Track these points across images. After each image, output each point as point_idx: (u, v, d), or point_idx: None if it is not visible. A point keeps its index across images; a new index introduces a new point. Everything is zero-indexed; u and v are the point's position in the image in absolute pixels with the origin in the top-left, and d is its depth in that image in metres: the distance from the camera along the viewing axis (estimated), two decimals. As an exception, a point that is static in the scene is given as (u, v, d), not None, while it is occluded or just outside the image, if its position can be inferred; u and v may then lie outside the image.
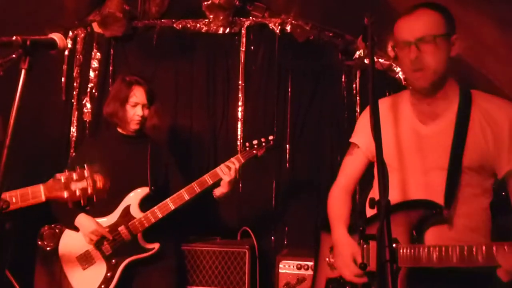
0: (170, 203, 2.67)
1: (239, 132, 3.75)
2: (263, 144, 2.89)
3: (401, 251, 1.49)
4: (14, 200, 1.57)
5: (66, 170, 1.69)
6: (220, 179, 2.77)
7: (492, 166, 1.63)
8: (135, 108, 2.76)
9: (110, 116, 2.81)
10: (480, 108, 1.65)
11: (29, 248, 3.14)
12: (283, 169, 3.66)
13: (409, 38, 1.60)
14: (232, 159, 2.80)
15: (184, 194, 2.69)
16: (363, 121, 1.99)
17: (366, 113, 1.99)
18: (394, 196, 1.61)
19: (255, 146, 2.88)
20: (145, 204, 2.69)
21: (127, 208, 2.68)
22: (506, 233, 1.76)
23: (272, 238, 3.59)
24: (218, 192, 2.80)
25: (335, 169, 2.72)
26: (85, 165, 1.68)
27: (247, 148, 2.87)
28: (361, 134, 1.96)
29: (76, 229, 2.65)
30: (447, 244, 1.46)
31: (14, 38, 1.24)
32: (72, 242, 2.68)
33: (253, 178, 3.64)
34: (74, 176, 1.63)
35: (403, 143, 1.76)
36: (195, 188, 2.71)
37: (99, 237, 2.59)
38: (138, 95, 2.76)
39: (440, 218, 1.57)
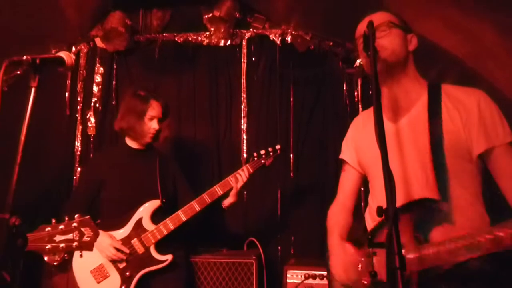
0: (181, 215, 2.71)
1: (242, 143, 3.77)
2: (271, 153, 2.95)
3: (408, 255, 1.47)
4: None
5: (53, 220, 1.61)
6: (230, 190, 2.81)
7: (467, 151, 1.64)
8: (151, 121, 2.80)
9: (125, 131, 2.83)
10: (449, 96, 1.69)
11: (34, 263, 3.14)
12: (287, 178, 3.67)
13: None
14: (241, 169, 2.85)
15: (195, 205, 2.73)
16: (348, 136, 2.05)
17: (350, 128, 2.06)
18: (381, 201, 1.63)
19: (263, 156, 2.93)
20: (157, 216, 2.72)
21: (139, 221, 2.71)
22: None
23: (279, 247, 3.58)
24: (227, 202, 2.85)
25: (339, 177, 2.72)
26: (76, 216, 1.61)
27: (255, 158, 2.91)
28: (346, 149, 2.03)
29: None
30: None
31: (24, 57, 1.26)
32: (85, 256, 2.66)
33: (258, 188, 3.65)
34: (61, 227, 1.56)
35: (376, 146, 1.76)
36: (206, 199, 2.76)
37: (116, 252, 2.60)
38: (156, 108, 2.81)
39: (440, 213, 1.56)
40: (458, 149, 1.64)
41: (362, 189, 2.09)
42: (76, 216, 1.61)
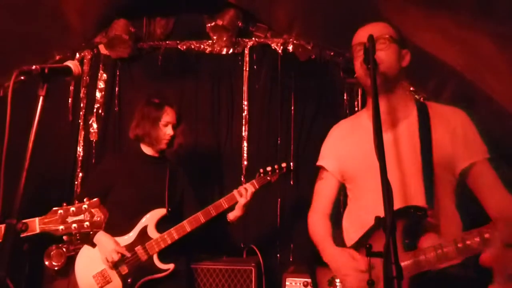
0: (186, 225, 2.72)
1: (243, 150, 3.80)
2: (277, 171, 2.96)
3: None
4: None
5: (64, 203, 1.68)
6: (235, 204, 2.82)
7: (451, 164, 1.77)
8: (166, 127, 2.85)
9: (141, 137, 2.87)
10: (436, 113, 1.82)
11: (36, 268, 3.16)
12: (287, 186, 3.69)
13: (366, 39, 1.69)
14: (247, 184, 2.87)
15: (200, 217, 2.75)
16: (328, 144, 2.09)
17: (330, 136, 2.10)
18: (371, 212, 1.66)
19: (269, 173, 2.94)
20: (162, 225, 2.74)
21: (144, 229, 2.72)
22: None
23: (278, 255, 3.60)
24: (232, 216, 2.86)
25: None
26: (85, 198, 1.67)
27: (262, 175, 2.92)
28: (328, 157, 2.06)
29: (93, 244, 2.68)
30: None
31: (33, 67, 1.29)
32: (88, 260, 2.70)
33: (258, 195, 3.62)
34: (72, 209, 1.63)
35: (365, 158, 1.83)
36: (211, 212, 2.77)
37: (119, 257, 2.62)
38: (170, 114, 2.86)
39: (428, 221, 1.64)
40: (445, 163, 1.75)
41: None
42: (85, 199, 1.66)
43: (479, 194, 1.77)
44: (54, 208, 1.64)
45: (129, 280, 2.64)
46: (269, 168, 2.94)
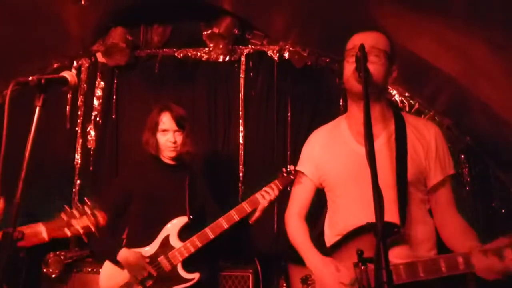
0: (209, 232, 2.61)
1: (240, 157, 3.82)
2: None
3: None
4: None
5: (66, 207, 1.72)
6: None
7: (424, 178, 1.83)
8: (167, 135, 2.73)
9: (145, 145, 2.78)
10: (411, 127, 1.85)
11: (33, 275, 3.16)
12: (284, 191, 3.68)
13: (357, 49, 1.70)
14: (270, 186, 2.67)
15: (223, 223, 2.62)
16: (307, 150, 2.12)
17: (310, 142, 2.12)
18: (350, 221, 1.78)
19: (293, 171, 2.62)
20: (184, 233, 2.64)
21: (167, 238, 2.63)
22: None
23: (275, 261, 3.60)
24: (253, 217, 2.69)
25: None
26: (86, 200, 1.70)
27: (284, 175, 2.67)
28: (306, 163, 2.09)
29: (119, 264, 2.57)
30: (407, 260, 1.64)
31: (30, 78, 1.32)
32: (113, 272, 2.61)
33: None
34: (75, 213, 1.66)
35: (346, 167, 1.89)
36: (234, 216, 2.63)
37: (147, 274, 2.54)
38: (165, 121, 2.73)
39: (398, 237, 1.68)
40: (419, 177, 1.80)
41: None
42: (85, 199, 1.71)
43: (435, 209, 1.86)
44: (58, 214, 1.68)
45: None
46: (292, 167, 2.64)
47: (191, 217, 2.67)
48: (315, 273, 1.86)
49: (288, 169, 2.66)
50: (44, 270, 3.10)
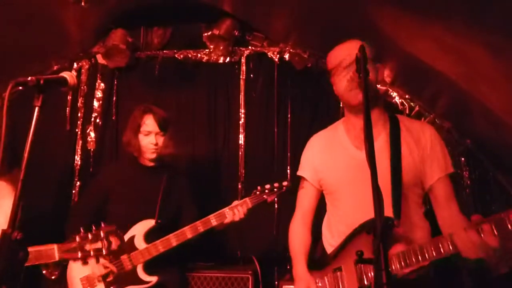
0: (172, 239, 2.65)
1: (240, 158, 3.81)
2: (275, 190, 2.75)
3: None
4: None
5: (82, 230, 1.72)
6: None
7: (421, 180, 1.87)
8: (149, 137, 2.78)
9: (126, 146, 2.84)
10: (406, 129, 1.89)
11: (32, 276, 3.16)
12: (284, 194, 3.68)
13: (345, 63, 1.83)
14: (240, 202, 2.71)
15: (187, 233, 2.66)
16: (306, 155, 2.17)
17: (309, 147, 2.17)
18: (349, 222, 1.83)
19: (266, 191, 2.72)
20: (152, 235, 2.70)
21: (132, 239, 2.70)
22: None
23: (275, 262, 3.60)
24: (219, 226, 2.74)
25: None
26: (102, 224, 1.72)
27: (258, 193, 2.73)
28: (306, 167, 2.14)
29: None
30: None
31: (29, 78, 1.31)
32: (77, 265, 2.67)
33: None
34: (89, 237, 1.67)
35: (343, 171, 1.93)
36: (198, 228, 2.67)
37: (106, 271, 2.62)
38: (148, 123, 2.78)
39: (395, 232, 1.72)
40: (413, 177, 1.84)
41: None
42: (102, 225, 1.71)
43: (436, 207, 1.89)
44: (73, 236, 1.69)
45: None
46: (267, 186, 2.73)
47: (158, 221, 2.72)
48: (295, 284, 1.96)
49: (263, 187, 2.73)
50: (44, 271, 3.09)
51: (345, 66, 1.85)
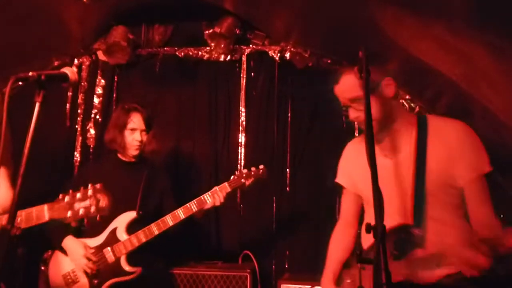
0: (154, 228, 2.70)
1: (240, 156, 3.81)
2: (252, 173, 2.87)
3: None
4: (18, 220, 1.60)
5: (70, 190, 1.73)
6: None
7: (451, 179, 1.78)
8: (134, 134, 2.86)
9: (109, 143, 2.91)
10: (435, 130, 1.83)
11: (32, 273, 3.15)
12: (283, 193, 3.70)
13: (346, 102, 1.90)
14: (218, 187, 2.79)
15: (168, 220, 2.72)
16: (342, 162, 2.18)
17: (345, 154, 2.19)
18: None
19: (244, 175, 2.85)
20: (133, 228, 2.74)
21: (114, 231, 2.74)
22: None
23: (273, 261, 3.60)
24: (199, 214, 2.82)
25: (335, 192, 2.77)
26: (89, 184, 1.72)
27: (236, 177, 2.84)
28: (342, 174, 2.16)
29: (63, 251, 2.71)
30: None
31: (30, 74, 1.31)
32: (60, 259, 2.74)
33: (254, 201, 3.68)
34: (78, 195, 1.67)
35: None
36: (180, 215, 2.73)
37: (88, 262, 2.64)
38: (135, 121, 2.86)
39: (416, 236, 1.71)
40: (441, 181, 1.77)
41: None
42: (89, 185, 1.72)
43: (468, 211, 1.79)
44: (61, 195, 1.68)
45: (95, 281, 2.65)
46: (245, 171, 2.87)
47: (140, 212, 2.76)
48: None
49: (241, 171, 2.84)
50: (43, 268, 3.09)
51: (345, 105, 1.93)
